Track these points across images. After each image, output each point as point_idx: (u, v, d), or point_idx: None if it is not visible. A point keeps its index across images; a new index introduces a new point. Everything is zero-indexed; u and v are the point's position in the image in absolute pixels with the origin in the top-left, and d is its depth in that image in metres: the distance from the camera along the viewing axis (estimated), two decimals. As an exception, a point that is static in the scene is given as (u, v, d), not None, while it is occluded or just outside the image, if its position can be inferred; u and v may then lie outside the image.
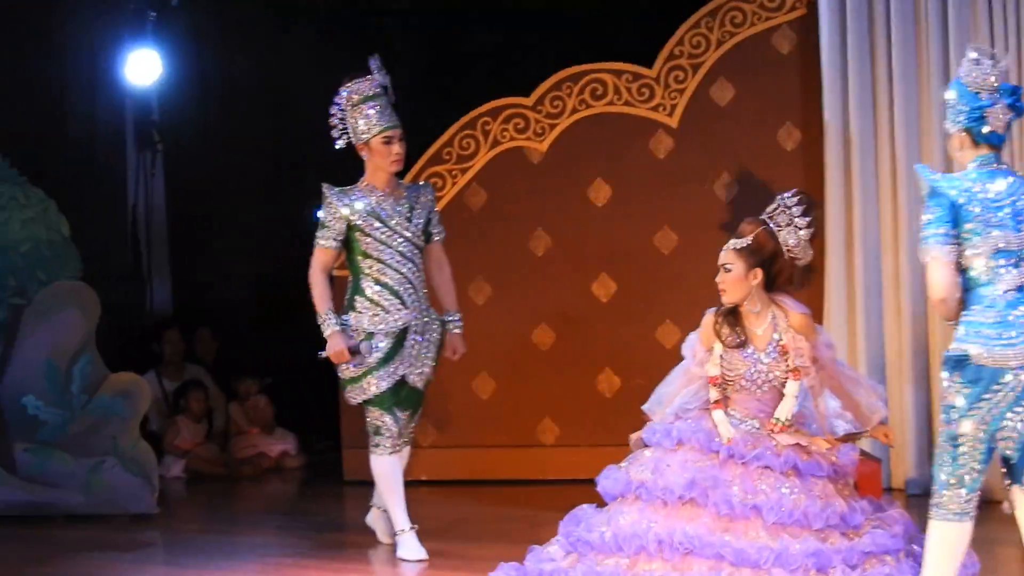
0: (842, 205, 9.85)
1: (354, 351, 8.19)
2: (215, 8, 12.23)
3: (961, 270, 6.02)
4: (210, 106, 12.42)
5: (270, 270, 12.34)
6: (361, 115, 8.27)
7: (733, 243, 6.84)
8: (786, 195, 6.92)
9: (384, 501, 8.47)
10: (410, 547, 8.22)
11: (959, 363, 5.97)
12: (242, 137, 12.40)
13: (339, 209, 8.24)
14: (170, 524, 9.89)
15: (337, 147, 8.31)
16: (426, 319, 8.38)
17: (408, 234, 8.29)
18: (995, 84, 6.13)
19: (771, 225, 6.82)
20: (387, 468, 8.33)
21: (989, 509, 7.32)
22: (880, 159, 9.75)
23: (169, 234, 12.62)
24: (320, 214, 8.31)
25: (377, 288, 8.25)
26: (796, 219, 6.82)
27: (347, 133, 8.30)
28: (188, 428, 11.85)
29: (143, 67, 11.91)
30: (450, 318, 8.52)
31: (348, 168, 11.83)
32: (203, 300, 12.69)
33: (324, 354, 8.23)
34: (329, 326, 8.21)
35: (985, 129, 6.10)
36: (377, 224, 8.25)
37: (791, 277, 6.90)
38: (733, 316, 6.86)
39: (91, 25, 11.68)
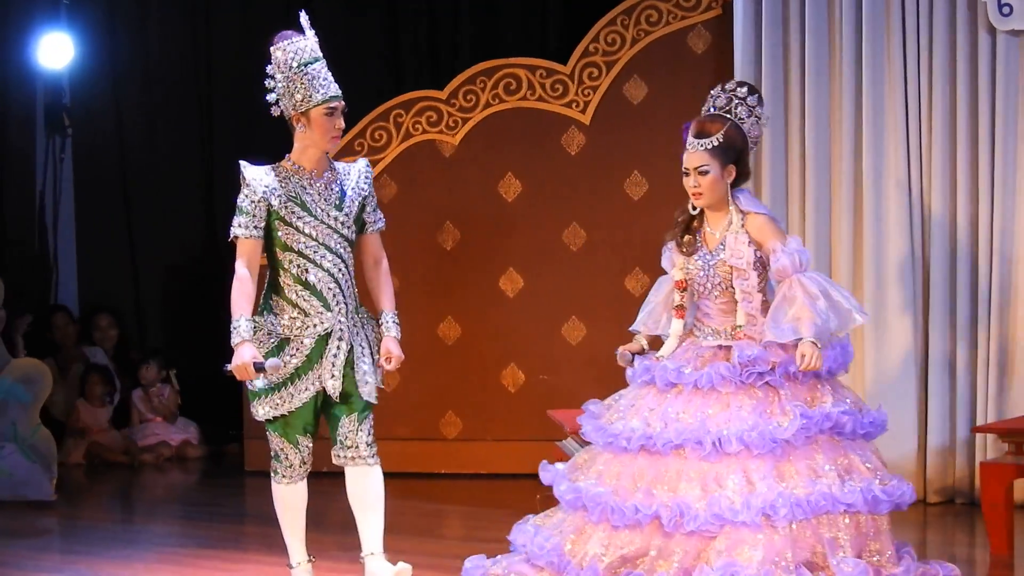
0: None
1: (259, 368, 6.77)
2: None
3: None
4: (122, 91, 12.30)
5: (178, 258, 12.24)
6: (300, 80, 6.89)
7: (703, 143, 6.59)
8: (728, 86, 6.78)
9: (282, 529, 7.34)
10: None
11: None
12: (153, 123, 12.26)
13: (258, 191, 6.87)
14: (69, 512, 9.76)
15: (275, 114, 7.04)
16: (355, 322, 7.07)
17: (337, 224, 6.97)
18: None
19: (735, 119, 6.64)
20: (281, 496, 7.32)
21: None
22: (791, 159, 9.68)
23: (77, 219, 12.42)
24: (238, 197, 6.91)
25: (297, 287, 6.89)
26: (755, 108, 6.71)
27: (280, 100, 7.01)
28: (89, 412, 11.67)
29: (55, 51, 11.81)
30: (385, 320, 7.16)
31: (264, 153, 11.73)
32: (109, 286, 12.49)
33: (229, 368, 6.83)
34: (239, 334, 6.75)
35: None
36: (301, 212, 6.91)
37: (748, 171, 6.79)
38: (694, 221, 6.74)
39: (2, 7, 11.51)
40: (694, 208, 6.69)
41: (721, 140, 6.57)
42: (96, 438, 11.58)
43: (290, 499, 7.26)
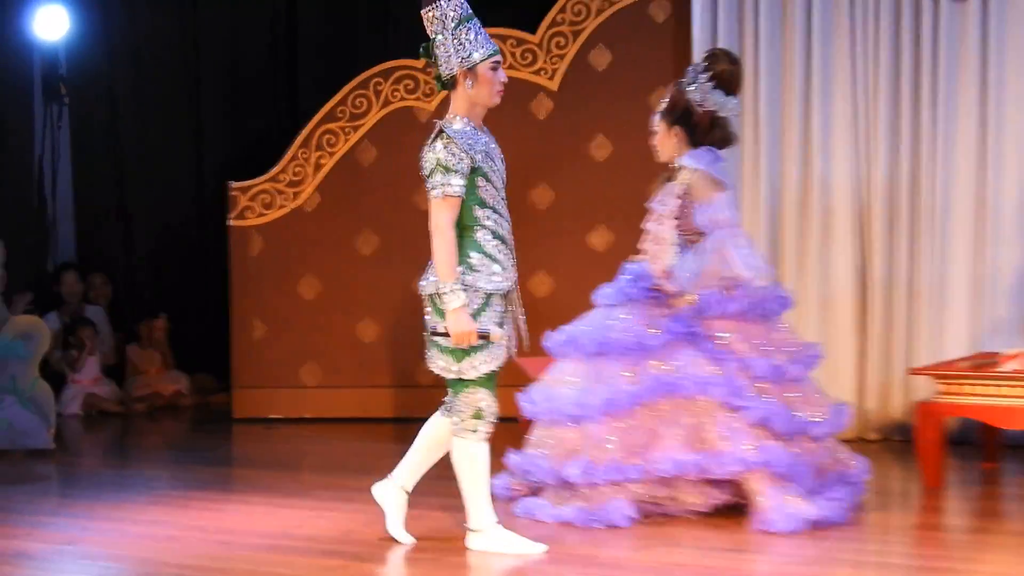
0: (708, 165, 9.91)
1: (483, 336, 6.47)
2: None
3: None
4: (116, 61, 12.34)
5: (170, 219, 12.26)
6: (464, 37, 6.50)
7: (660, 105, 7.40)
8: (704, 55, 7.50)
9: (467, 492, 6.75)
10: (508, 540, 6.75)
11: None
12: (144, 92, 12.31)
13: (465, 149, 6.49)
14: (66, 459, 9.84)
15: (444, 76, 6.60)
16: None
17: (505, 180, 6.75)
18: None
19: (681, 85, 7.32)
20: (479, 455, 6.64)
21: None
22: (745, 123, 9.79)
23: (73, 183, 12.49)
24: (441, 156, 6.48)
25: (496, 242, 6.56)
26: (699, 75, 7.32)
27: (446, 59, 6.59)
28: (83, 361, 11.77)
29: (51, 23, 11.80)
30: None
31: (250, 118, 11.87)
32: (103, 246, 12.58)
33: (442, 330, 6.52)
34: (459, 299, 6.43)
35: None
36: (496, 166, 6.65)
37: (711, 130, 7.34)
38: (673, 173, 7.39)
39: (-1, -20, 11.60)
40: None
41: (666, 104, 7.21)
42: (92, 389, 11.72)
43: (487, 457, 6.67)
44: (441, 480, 7.25)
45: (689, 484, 7.14)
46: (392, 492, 6.98)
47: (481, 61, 6.53)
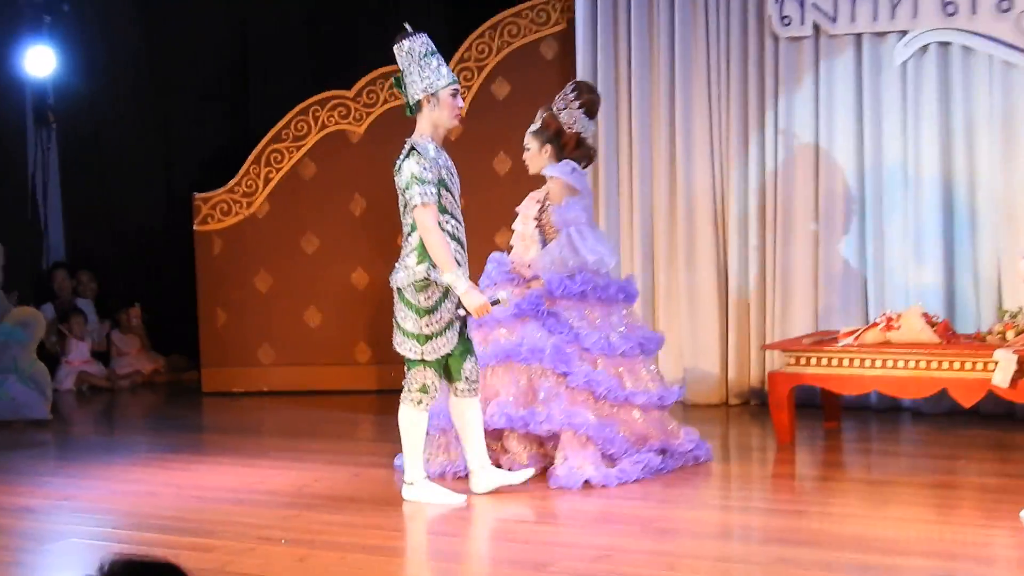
0: (611, 176, 9.86)
1: (494, 302, 6.50)
2: (101, 11, 11.93)
3: None
4: (96, 90, 12.08)
5: (144, 224, 12.09)
6: (428, 67, 6.49)
7: (531, 127, 7.34)
8: (568, 86, 7.45)
9: (405, 450, 6.71)
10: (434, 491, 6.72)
11: None
12: (122, 115, 12.10)
13: (433, 163, 6.44)
14: (61, 428, 9.73)
15: (412, 102, 6.56)
16: None
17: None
18: None
19: (554, 109, 7.31)
20: (419, 420, 6.65)
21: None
22: (620, 145, 9.77)
23: (62, 196, 12.28)
24: (415, 170, 6.39)
25: (453, 244, 6.46)
26: (570, 102, 7.33)
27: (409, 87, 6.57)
28: (75, 345, 11.55)
29: (40, 60, 11.61)
30: None
31: (211, 136, 11.69)
32: (90, 247, 12.31)
33: (463, 312, 6.47)
34: (465, 281, 6.39)
35: None
36: (454, 179, 6.61)
37: (578, 149, 7.37)
38: None
39: (-5, 26, 11.41)
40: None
41: (539, 125, 7.21)
42: (83, 368, 11.50)
43: (425, 423, 6.67)
44: (378, 442, 7.22)
45: (517, 439, 7.05)
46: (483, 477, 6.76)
47: (443, 88, 6.52)
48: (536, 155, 7.33)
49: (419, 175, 6.38)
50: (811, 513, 6.38)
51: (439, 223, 6.42)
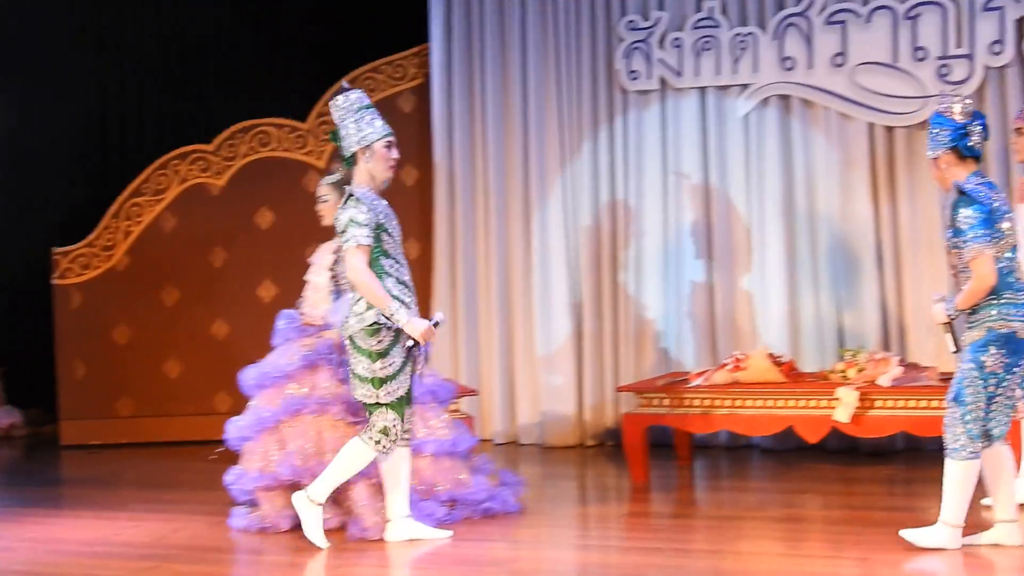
0: (448, 226, 9.88)
1: (436, 325, 6.41)
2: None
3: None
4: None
5: (3, 279, 11.76)
6: (364, 120, 6.44)
7: (328, 178, 7.09)
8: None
9: (332, 473, 6.57)
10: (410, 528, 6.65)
11: (1007, 339, 5.81)
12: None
13: (370, 207, 6.35)
14: (-86, 483, 9.35)
15: (347, 154, 6.48)
16: None
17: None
18: (970, 111, 5.99)
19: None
20: (367, 458, 6.52)
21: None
22: (476, 192, 9.82)
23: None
24: (352, 213, 6.30)
25: (400, 287, 6.38)
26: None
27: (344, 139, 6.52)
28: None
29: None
30: None
31: (69, 194, 11.42)
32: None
33: (411, 343, 6.37)
34: (405, 314, 6.29)
35: (969, 143, 5.90)
36: (394, 224, 6.51)
37: None
38: None
39: None
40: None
41: (341, 176, 7.00)
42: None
43: (367, 461, 6.50)
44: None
45: None
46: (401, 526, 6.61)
47: (376, 140, 6.45)
48: (332, 207, 7.06)
49: (356, 218, 6.31)
50: (666, 550, 6.37)
51: (384, 267, 6.35)
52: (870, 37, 8.71)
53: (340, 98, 6.55)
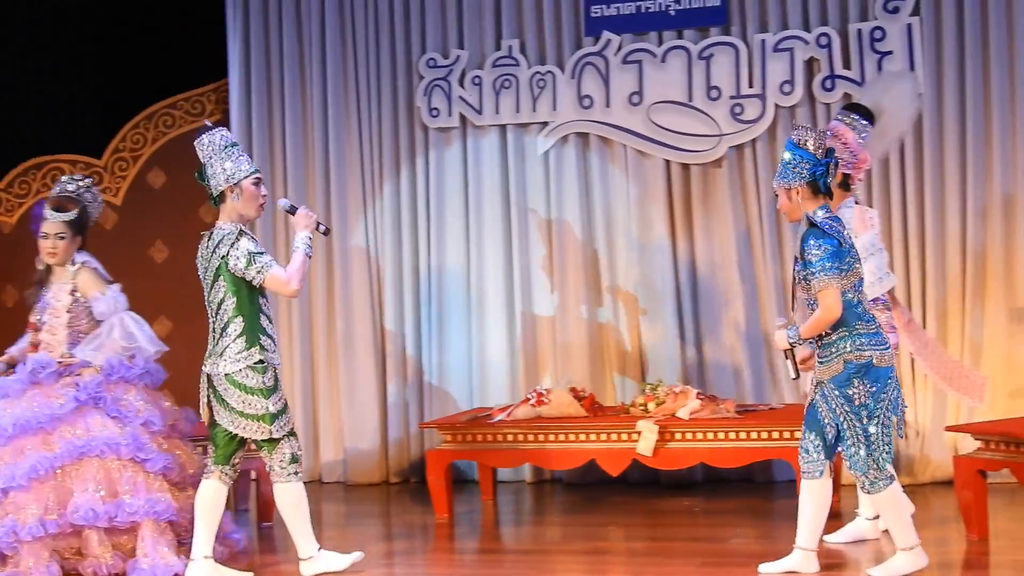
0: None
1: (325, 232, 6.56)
2: None
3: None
4: None
5: None
6: (229, 159, 6.34)
7: (61, 216, 6.93)
8: (77, 180, 7.18)
9: (295, 528, 6.48)
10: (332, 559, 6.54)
11: (866, 369, 5.83)
12: None
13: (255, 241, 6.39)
14: None
15: (215, 193, 6.37)
16: None
17: None
18: (826, 145, 5.99)
19: (84, 202, 7.07)
20: (302, 493, 6.46)
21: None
22: (277, 237, 9.59)
23: None
24: (250, 247, 6.23)
25: (271, 326, 6.40)
26: (97, 195, 7.26)
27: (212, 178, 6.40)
28: None
29: None
30: None
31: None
32: None
33: (324, 228, 6.54)
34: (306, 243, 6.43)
35: (828, 179, 5.92)
36: None
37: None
38: (48, 274, 7.05)
39: None
40: (43, 264, 7.01)
41: (72, 216, 6.92)
42: None
43: (304, 494, 6.48)
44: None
45: (97, 540, 6.58)
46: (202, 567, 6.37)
47: (244, 178, 6.36)
48: (69, 245, 6.94)
49: (251, 248, 6.29)
50: None
51: (260, 305, 6.37)
52: (665, 77, 8.81)
53: (205, 137, 6.44)
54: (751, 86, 8.66)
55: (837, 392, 5.84)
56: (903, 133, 6.80)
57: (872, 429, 5.82)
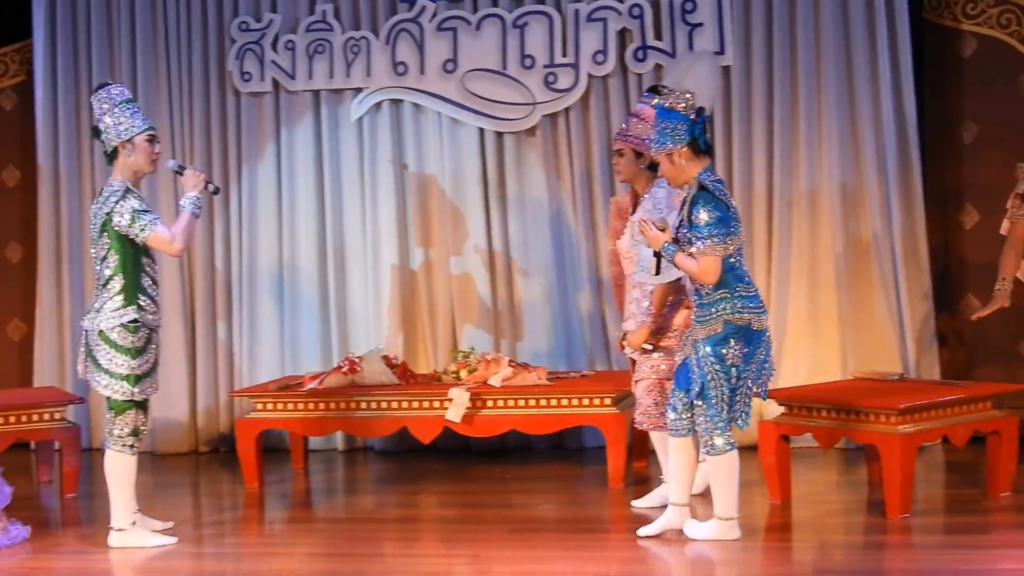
0: (52, 229, 9.18)
1: (216, 191, 6.71)
2: None
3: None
4: None
5: None
6: (123, 115, 6.27)
7: None
8: None
9: (116, 497, 6.32)
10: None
11: (744, 330, 5.78)
12: None
13: (142, 199, 6.28)
14: None
15: (108, 149, 6.28)
16: None
17: None
18: (696, 105, 5.85)
19: None
20: (133, 466, 6.31)
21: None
22: (84, 193, 9.14)
23: None
24: (135, 204, 6.15)
25: (152, 286, 6.30)
26: None
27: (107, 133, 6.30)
28: None
29: None
30: None
31: None
32: None
33: (212, 187, 6.57)
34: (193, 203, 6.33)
35: (706, 137, 5.81)
36: None
37: None
38: None
39: None
40: None
41: None
42: None
43: (135, 467, 6.31)
44: None
45: None
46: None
47: (137, 135, 6.29)
48: None
49: (139, 207, 6.21)
50: (279, 555, 6.19)
51: (143, 265, 6.28)
52: (480, 44, 8.69)
53: (102, 92, 6.39)
54: (564, 55, 8.58)
55: (710, 350, 5.83)
56: (707, 111, 6.81)
57: (737, 389, 5.85)
